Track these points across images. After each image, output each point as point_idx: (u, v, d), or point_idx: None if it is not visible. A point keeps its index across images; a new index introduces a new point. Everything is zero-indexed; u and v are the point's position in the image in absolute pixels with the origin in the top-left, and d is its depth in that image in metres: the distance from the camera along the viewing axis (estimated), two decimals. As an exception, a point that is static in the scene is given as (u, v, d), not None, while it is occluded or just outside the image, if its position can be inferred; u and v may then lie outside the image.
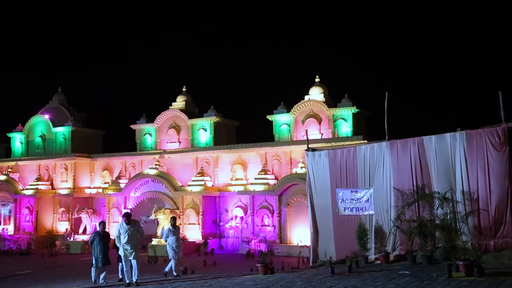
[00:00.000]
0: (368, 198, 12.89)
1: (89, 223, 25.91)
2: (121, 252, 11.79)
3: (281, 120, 24.34)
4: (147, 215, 23.06)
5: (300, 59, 48.07)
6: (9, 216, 28.61)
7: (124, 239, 11.65)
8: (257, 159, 24.03)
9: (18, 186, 28.42)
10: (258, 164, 23.83)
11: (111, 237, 13.46)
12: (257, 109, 36.64)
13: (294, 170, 22.00)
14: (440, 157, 12.15)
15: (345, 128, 22.96)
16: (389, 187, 12.73)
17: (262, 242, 20.84)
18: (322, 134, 23.21)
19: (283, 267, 14.76)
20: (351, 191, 13.23)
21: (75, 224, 26.55)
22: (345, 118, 23.03)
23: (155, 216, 22.73)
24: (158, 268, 16.12)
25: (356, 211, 13.09)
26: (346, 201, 13.22)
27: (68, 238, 25.13)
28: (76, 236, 25.19)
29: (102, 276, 12.39)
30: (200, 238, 23.22)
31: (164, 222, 23.22)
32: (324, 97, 24.06)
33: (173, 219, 14.30)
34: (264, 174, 22.84)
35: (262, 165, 23.43)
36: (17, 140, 31.42)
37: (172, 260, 13.21)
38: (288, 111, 24.11)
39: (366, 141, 18.72)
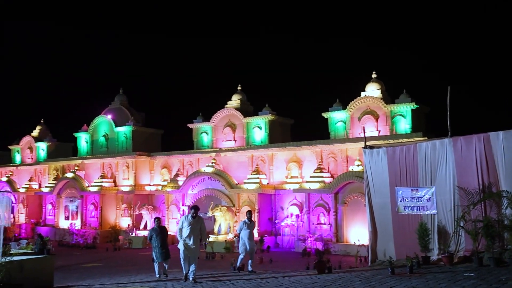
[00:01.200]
0: (430, 197, 12.42)
1: (149, 219, 26.81)
2: (180, 246, 11.52)
3: (336, 117, 24.01)
4: (204, 212, 23.52)
5: (356, 55, 47.16)
6: (76, 212, 30.28)
7: (186, 232, 11.37)
8: (312, 157, 23.85)
9: (84, 183, 29.97)
10: (314, 162, 23.64)
11: (169, 232, 13.86)
12: (312, 106, 36.42)
13: (350, 168, 21.64)
14: (508, 154, 11.48)
15: (404, 124, 22.28)
16: (452, 185, 12.20)
17: (318, 241, 20.67)
18: (379, 131, 22.66)
19: (340, 266, 14.56)
20: (412, 190, 12.81)
21: (137, 220, 27.59)
22: (403, 115, 22.35)
23: (212, 213, 23.18)
24: (214, 264, 16.45)
25: (417, 210, 12.66)
26: (406, 200, 12.83)
27: (130, 233, 26.16)
28: (138, 232, 26.16)
29: (163, 271, 12.66)
30: (256, 235, 23.37)
31: (220, 219, 23.64)
32: (381, 93, 23.48)
33: (249, 213, 14.02)
34: (319, 172, 22.64)
35: (318, 163, 23.23)
36: (82, 139, 33.17)
37: (241, 254, 13.23)
38: (344, 108, 23.73)
39: (426, 138, 18.06)
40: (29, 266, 10.59)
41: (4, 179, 35.60)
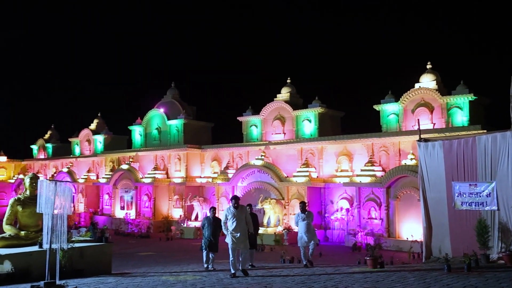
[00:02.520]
0: (490, 192, 11.83)
1: (200, 210, 27.39)
2: (228, 240, 10.73)
3: (389, 109, 23.39)
4: (254, 205, 23.69)
5: (409, 45, 45.65)
6: (131, 202, 31.43)
7: (232, 225, 10.65)
8: (363, 150, 23.40)
9: (138, 174, 31.02)
10: (365, 155, 23.19)
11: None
12: (363, 99, 35.70)
13: (403, 162, 21.05)
14: None
15: (461, 117, 21.37)
16: (515, 181, 11.54)
17: (369, 235, 20.32)
18: (434, 123, 21.87)
19: (392, 261, 14.23)
20: (470, 185, 12.25)
21: (188, 211, 28.25)
22: (460, 106, 21.43)
23: (262, 205, 23.33)
24: (264, 256, 16.54)
25: (475, 206, 12.10)
26: (464, 195, 12.29)
27: (182, 224, 26.85)
28: (189, 222, 26.80)
29: (210, 261, 12.62)
30: (305, 228, 23.29)
31: (270, 211, 23.75)
32: (436, 84, 22.61)
33: (302, 204, 13.29)
34: (371, 165, 22.18)
35: (369, 156, 22.76)
36: (136, 132, 34.31)
37: (300, 248, 12.66)
38: (397, 100, 23.06)
39: (485, 130, 17.21)
40: (89, 253, 11.12)
41: (65, 170, 37.51)
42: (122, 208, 32.06)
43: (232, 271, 10.50)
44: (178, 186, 29.76)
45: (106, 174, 34.44)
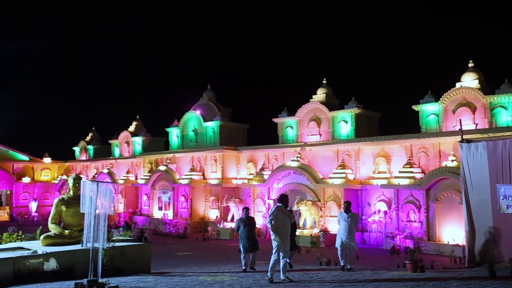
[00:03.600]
0: (538, 195, 11.35)
1: (236, 211, 27.54)
2: (275, 239, 10.06)
3: (428, 110, 22.79)
4: (290, 206, 23.63)
5: (450, 43, 44.40)
6: (169, 203, 31.98)
7: (280, 224, 10.06)
8: (401, 152, 22.90)
9: (175, 176, 31.53)
10: (403, 156, 22.69)
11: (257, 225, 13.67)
12: (401, 99, 34.98)
13: (443, 163, 20.45)
14: None
15: (505, 116, 20.56)
16: None
17: (408, 239, 19.84)
18: (476, 124, 21.14)
19: (433, 266, 13.86)
20: (516, 187, 11.79)
21: (224, 212, 28.46)
22: (505, 106, 20.63)
23: (298, 207, 23.23)
24: (300, 258, 16.45)
25: (522, 209, 11.63)
26: (510, 198, 11.83)
27: (218, 225, 27.07)
28: (225, 223, 26.99)
29: (251, 262, 12.40)
30: (342, 231, 23.01)
31: (306, 213, 23.61)
32: (479, 83, 21.86)
33: (346, 204, 12.52)
34: (409, 167, 21.68)
35: (407, 158, 22.25)
36: (173, 134, 34.90)
37: (338, 250, 12.15)
38: (437, 100, 22.44)
39: (532, 131, 16.51)
40: (129, 252, 11.39)
41: (105, 171, 38.59)
42: (160, 208, 32.67)
43: (269, 275, 10.02)
44: (214, 187, 30.04)
45: (144, 175, 35.19)
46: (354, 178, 24.08)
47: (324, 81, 28.44)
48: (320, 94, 27.88)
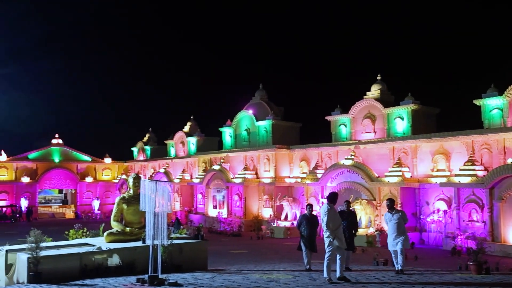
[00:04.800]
0: None
1: (289, 210, 27.52)
2: (331, 240, 9.74)
3: (491, 104, 21.65)
4: (340, 206, 23.30)
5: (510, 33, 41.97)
6: (223, 201, 32.49)
7: (335, 224, 9.84)
8: (462, 148, 21.93)
9: (229, 175, 31.97)
10: (463, 153, 21.72)
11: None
12: (460, 94, 33.50)
13: (508, 160, 19.39)
14: None
15: None
16: None
17: (470, 239, 18.95)
18: (545, 118, 19.86)
19: (498, 267, 13.19)
20: None
21: (278, 211, 28.52)
22: None
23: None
24: (356, 258, 16.15)
25: None
26: None
27: (272, 224, 27.17)
28: (279, 222, 27.04)
29: (309, 261, 11.98)
30: (399, 230, 22.40)
31: (361, 212, 23.17)
32: (547, 74, 20.51)
33: (389, 202, 11.74)
34: (471, 164, 20.71)
35: (469, 155, 21.27)
36: (227, 134, 35.40)
37: (390, 250, 11.55)
38: (501, 94, 21.28)
39: None
40: (187, 249, 11.69)
41: (162, 170, 39.84)
42: (215, 207, 33.25)
43: (326, 276, 9.75)
44: (267, 186, 30.17)
45: (199, 175, 35.95)
46: (411, 177, 23.35)
47: (379, 77, 27.79)
48: (375, 91, 27.26)
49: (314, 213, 13.03)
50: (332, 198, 10.24)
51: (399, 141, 24.32)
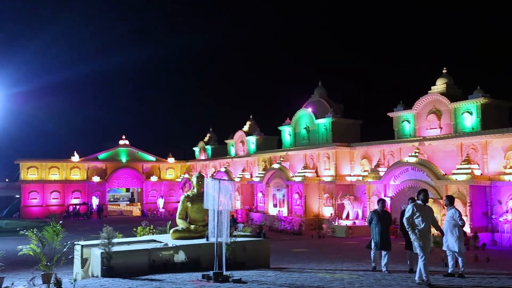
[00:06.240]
0: None
1: (351, 209, 27.05)
2: (418, 240, 9.29)
3: None
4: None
5: None
6: (283, 200, 32.54)
7: (422, 223, 9.36)
8: (539, 144, 20.49)
9: (289, 173, 31.96)
10: (541, 149, 20.28)
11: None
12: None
13: None
14: None
15: None
16: None
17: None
18: None
19: None
20: None
21: (339, 210, 28.13)
22: None
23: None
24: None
25: None
26: None
27: (333, 222, 26.84)
28: (340, 221, 26.65)
29: (384, 263, 11.36)
30: (469, 231, 21.34)
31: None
32: None
33: (448, 199, 11.01)
34: (549, 161, 19.30)
35: (546, 151, 19.84)
36: (286, 132, 35.40)
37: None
38: None
39: None
40: (250, 247, 11.84)
41: (223, 169, 40.59)
42: (275, 205, 33.38)
43: (425, 278, 9.09)
44: (327, 184, 29.84)
45: (259, 173, 36.23)
46: (481, 174, 22.15)
47: (444, 71, 26.59)
48: (440, 85, 26.11)
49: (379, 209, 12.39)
50: (423, 195, 9.62)
51: (468, 137, 23.14)
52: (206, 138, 49.15)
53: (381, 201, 11.96)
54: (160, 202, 46.92)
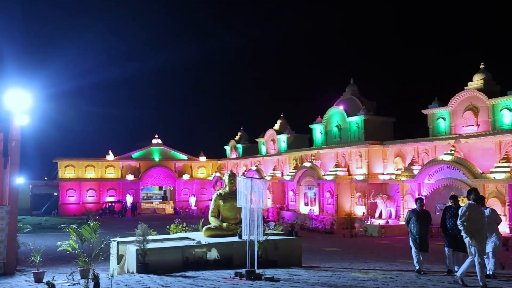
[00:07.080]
0: None
1: (384, 208, 26.64)
2: (475, 242, 8.91)
3: None
4: (443, 203, 22.05)
5: None
6: (314, 199, 32.35)
7: (476, 224, 9.03)
8: None
9: (320, 172, 31.75)
10: None
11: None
12: None
13: None
14: None
15: None
16: None
17: None
18: None
19: None
20: None
21: (371, 208, 27.75)
22: None
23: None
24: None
25: None
26: None
27: (365, 221, 26.50)
28: (373, 220, 26.28)
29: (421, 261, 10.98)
30: (508, 231, 20.65)
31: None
32: None
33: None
34: None
35: None
36: (317, 130, 35.16)
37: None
38: None
39: None
40: (282, 245, 11.83)
41: (254, 168, 40.70)
42: (306, 204, 33.23)
43: (481, 283, 8.75)
44: (360, 183, 29.48)
45: (290, 172, 36.15)
46: (521, 173, 21.37)
47: (482, 66, 25.78)
48: (477, 81, 25.35)
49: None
50: (477, 197, 9.34)
51: (507, 134, 22.38)
52: (237, 137, 49.40)
53: (419, 200, 11.51)
54: (192, 200, 47.50)
